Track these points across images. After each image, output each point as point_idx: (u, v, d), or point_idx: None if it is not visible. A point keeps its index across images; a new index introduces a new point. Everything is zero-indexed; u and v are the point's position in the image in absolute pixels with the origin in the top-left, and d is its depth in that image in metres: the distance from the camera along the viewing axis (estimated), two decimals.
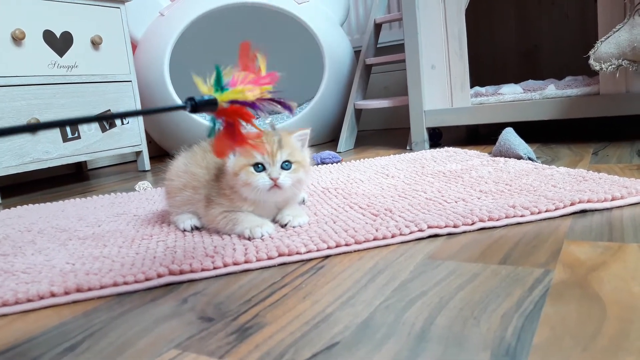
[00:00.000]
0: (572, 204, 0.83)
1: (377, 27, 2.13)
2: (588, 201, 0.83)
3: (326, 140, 2.41)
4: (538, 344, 0.44)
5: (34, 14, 1.68)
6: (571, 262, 0.62)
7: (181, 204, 0.95)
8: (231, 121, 0.55)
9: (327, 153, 1.65)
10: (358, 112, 2.07)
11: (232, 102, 0.54)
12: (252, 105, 0.55)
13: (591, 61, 1.36)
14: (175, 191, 0.95)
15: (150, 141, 2.51)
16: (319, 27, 2.20)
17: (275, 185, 0.81)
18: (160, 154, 2.63)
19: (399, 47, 2.69)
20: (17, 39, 1.61)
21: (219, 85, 0.55)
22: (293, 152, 0.85)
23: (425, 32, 1.69)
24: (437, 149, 1.62)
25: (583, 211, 0.82)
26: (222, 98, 0.54)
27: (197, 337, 0.52)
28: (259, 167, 0.82)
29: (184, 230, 0.92)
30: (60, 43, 1.76)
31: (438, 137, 1.93)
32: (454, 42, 1.66)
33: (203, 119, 2.12)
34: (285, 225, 0.86)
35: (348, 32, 2.83)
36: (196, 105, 0.53)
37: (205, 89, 0.54)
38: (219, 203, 0.87)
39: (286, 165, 0.83)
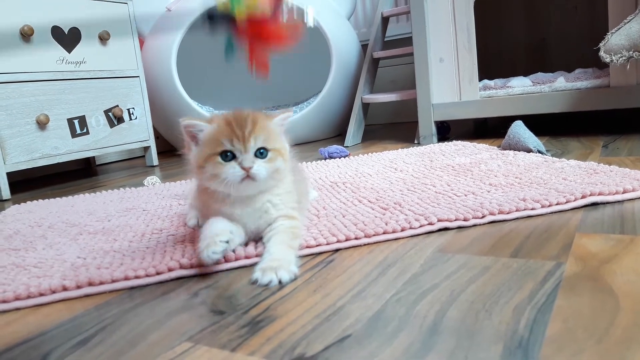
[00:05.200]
0: (583, 197, 0.82)
1: (385, 20, 2.12)
2: (599, 194, 0.82)
3: (333, 134, 2.41)
4: (551, 336, 0.44)
5: (42, 10, 1.69)
6: (583, 255, 0.61)
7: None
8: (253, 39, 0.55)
9: (334, 147, 1.65)
10: (365, 106, 2.07)
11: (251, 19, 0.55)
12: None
13: (601, 53, 1.35)
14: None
15: (158, 136, 2.52)
16: (326, 21, 2.20)
17: (248, 176, 0.68)
18: (168, 149, 2.64)
19: (407, 41, 2.68)
20: (26, 35, 1.62)
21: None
22: (269, 137, 0.70)
23: (433, 25, 1.68)
24: (446, 143, 1.62)
25: (594, 204, 0.82)
26: (239, 11, 0.55)
27: (209, 330, 0.52)
28: (228, 155, 0.68)
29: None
30: (68, 39, 1.76)
31: (446, 131, 1.92)
32: (462, 35, 1.64)
33: (210, 114, 2.13)
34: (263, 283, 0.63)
35: (355, 25, 2.82)
36: (212, 16, 0.54)
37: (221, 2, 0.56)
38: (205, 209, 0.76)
39: (261, 153, 0.69)
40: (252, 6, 0.58)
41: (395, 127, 2.62)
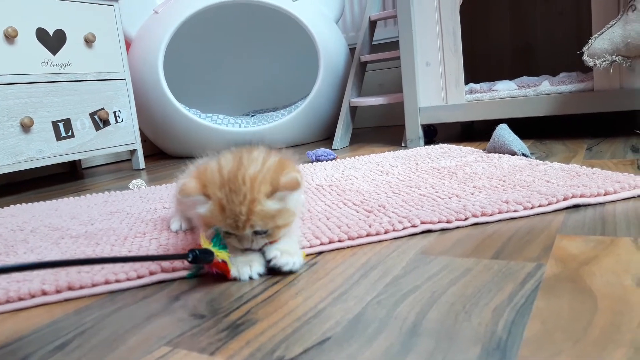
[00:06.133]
0: (565, 199, 0.83)
1: (372, 24, 2.13)
2: (581, 196, 0.83)
3: (321, 137, 2.41)
4: (529, 337, 0.44)
5: (26, 11, 1.67)
6: (563, 257, 0.62)
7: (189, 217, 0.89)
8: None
9: (321, 150, 1.65)
10: (353, 110, 2.07)
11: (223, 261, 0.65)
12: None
13: (585, 57, 1.36)
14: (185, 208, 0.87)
15: (144, 140, 2.51)
16: (314, 25, 2.20)
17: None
18: (155, 152, 2.63)
19: (394, 45, 2.69)
20: (10, 37, 1.60)
21: (217, 243, 0.64)
22: (268, 221, 0.62)
23: (420, 29, 1.69)
24: (432, 146, 1.62)
25: (576, 206, 0.82)
26: (218, 253, 0.64)
27: (189, 334, 0.52)
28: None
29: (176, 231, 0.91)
30: (53, 41, 1.75)
31: (433, 134, 1.93)
32: (448, 38, 1.65)
33: (197, 117, 2.12)
34: (270, 262, 0.65)
35: (343, 29, 2.83)
36: (197, 256, 0.62)
37: (206, 243, 0.64)
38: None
39: (260, 232, 0.64)
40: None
41: (382, 130, 2.62)
